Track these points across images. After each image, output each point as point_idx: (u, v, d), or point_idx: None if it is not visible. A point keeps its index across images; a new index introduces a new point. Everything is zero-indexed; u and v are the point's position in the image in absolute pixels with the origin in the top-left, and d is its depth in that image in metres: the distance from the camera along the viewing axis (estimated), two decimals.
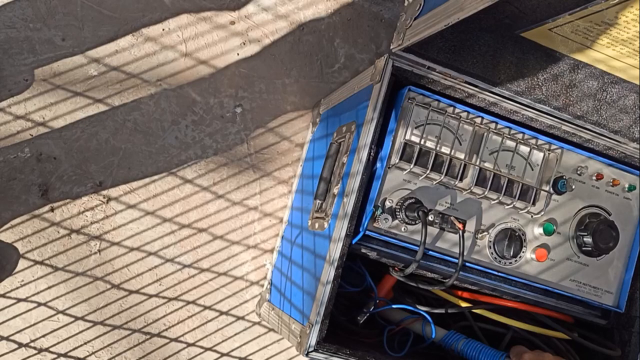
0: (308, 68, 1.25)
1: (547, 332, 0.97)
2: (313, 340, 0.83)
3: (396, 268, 0.91)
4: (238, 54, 1.21)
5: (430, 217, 0.88)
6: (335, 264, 0.83)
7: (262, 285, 1.21)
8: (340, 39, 1.27)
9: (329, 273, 0.84)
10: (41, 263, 1.10)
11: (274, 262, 1.19)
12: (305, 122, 1.25)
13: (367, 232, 0.86)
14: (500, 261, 0.92)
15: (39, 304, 1.10)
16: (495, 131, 0.91)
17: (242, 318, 1.20)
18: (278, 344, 1.22)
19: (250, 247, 1.21)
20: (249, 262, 1.21)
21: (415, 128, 0.88)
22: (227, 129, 1.20)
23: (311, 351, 0.82)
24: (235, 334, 1.20)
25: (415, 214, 0.84)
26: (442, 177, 0.88)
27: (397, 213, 0.87)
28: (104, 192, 1.14)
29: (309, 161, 1.17)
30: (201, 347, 1.18)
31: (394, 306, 0.98)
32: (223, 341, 1.19)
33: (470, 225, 0.91)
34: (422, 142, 0.88)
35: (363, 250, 0.88)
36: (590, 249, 0.93)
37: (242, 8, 1.21)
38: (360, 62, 1.29)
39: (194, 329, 1.18)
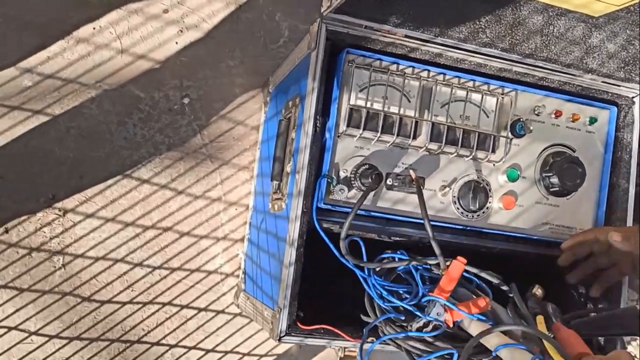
0: (252, 47, 1.20)
1: None
2: (284, 324, 0.80)
3: None
4: (177, 43, 1.16)
5: (389, 181, 0.85)
6: (296, 244, 0.80)
7: (238, 276, 1.18)
8: (281, 12, 1.22)
9: (290, 254, 0.80)
10: (4, 287, 1.07)
11: (246, 250, 1.16)
12: (257, 104, 1.20)
13: (324, 206, 0.83)
14: (467, 215, 0.89)
15: (9, 329, 1.07)
16: (443, 83, 0.87)
17: (222, 312, 1.17)
18: (263, 333, 1.19)
19: (220, 239, 1.18)
20: (221, 254, 1.18)
21: (360, 91, 0.84)
22: (177, 122, 1.16)
23: (283, 336, 0.80)
24: (218, 329, 1.17)
25: (370, 180, 0.81)
26: (394, 138, 0.84)
27: (352, 182, 0.83)
28: (59, 205, 1.09)
29: (265, 143, 1.13)
30: (184, 346, 1.15)
31: None
32: (206, 337, 1.16)
33: (432, 183, 0.88)
34: (368, 105, 0.84)
35: (325, 225, 0.85)
36: (558, 189, 0.91)
37: None
38: (305, 33, 1.23)
39: (174, 329, 1.15)
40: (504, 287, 0.75)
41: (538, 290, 0.77)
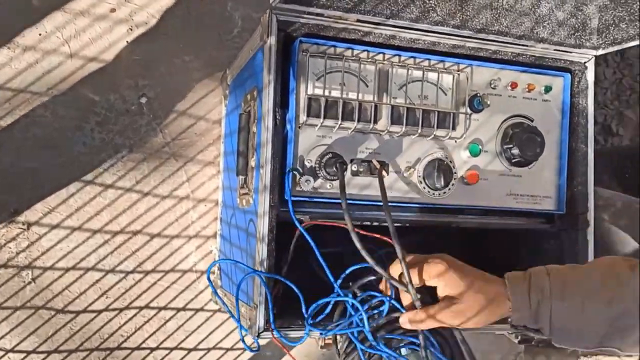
0: (205, 39, 1.18)
1: None
2: (261, 321, 0.80)
3: None
4: (127, 42, 1.14)
5: (354, 167, 0.85)
6: (266, 240, 0.80)
7: (214, 273, 1.17)
8: (232, 1, 1.20)
9: (261, 250, 0.80)
10: None
11: (219, 246, 1.16)
12: (216, 97, 1.19)
13: (292, 198, 0.83)
14: (433, 193, 0.90)
15: None
16: (399, 64, 0.87)
17: (201, 309, 1.17)
18: None
19: (192, 237, 1.17)
20: (194, 252, 1.17)
21: (317, 80, 0.84)
22: (136, 122, 1.14)
23: (261, 332, 0.80)
24: (198, 327, 1.17)
25: (334, 169, 0.81)
26: (355, 124, 0.84)
27: (317, 172, 0.83)
28: (22, 219, 1.07)
29: (228, 137, 1.12)
30: (166, 348, 1.15)
31: None
32: (187, 337, 1.16)
33: (397, 165, 0.88)
34: (326, 94, 0.83)
35: (296, 217, 0.85)
36: (519, 159, 0.92)
37: None
38: (259, 21, 1.22)
39: (154, 332, 1.14)
40: None
41: None
